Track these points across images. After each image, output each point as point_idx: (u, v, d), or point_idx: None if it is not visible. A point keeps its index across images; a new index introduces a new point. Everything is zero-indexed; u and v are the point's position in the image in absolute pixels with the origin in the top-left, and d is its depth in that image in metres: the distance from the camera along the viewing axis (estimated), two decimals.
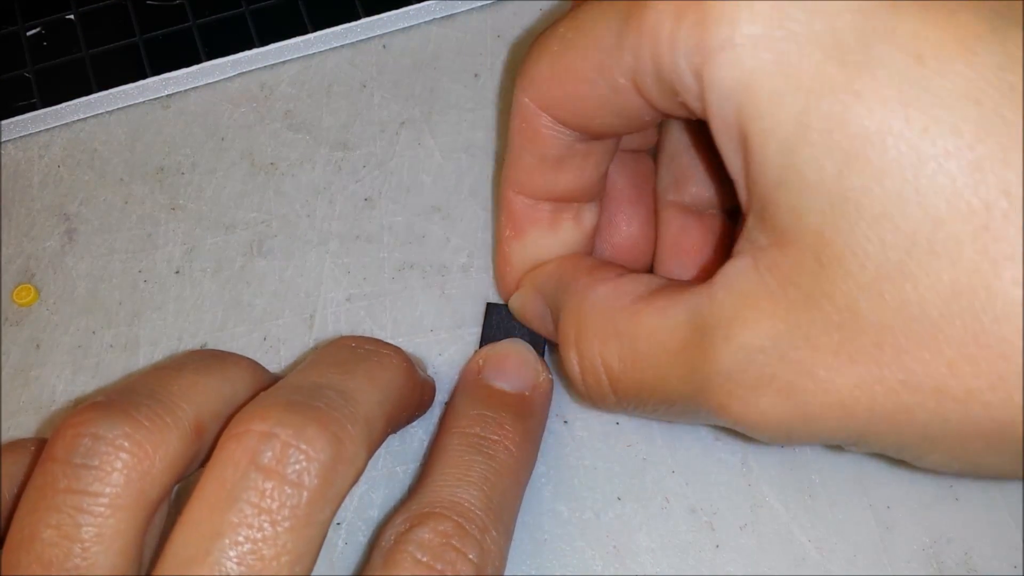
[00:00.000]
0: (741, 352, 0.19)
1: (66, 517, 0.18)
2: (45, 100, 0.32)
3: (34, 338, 0.29)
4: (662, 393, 0.21)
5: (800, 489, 0.26)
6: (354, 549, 0.25)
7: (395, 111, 0.32)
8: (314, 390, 0.20)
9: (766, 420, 0.19)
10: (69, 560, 0.18)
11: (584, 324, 0.22)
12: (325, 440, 0.19)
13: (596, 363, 0.22)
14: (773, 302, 0.18)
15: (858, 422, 0.18)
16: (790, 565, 0.25)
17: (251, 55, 0.33)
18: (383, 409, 0.21)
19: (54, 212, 0.31)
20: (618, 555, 0.25)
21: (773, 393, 0.19)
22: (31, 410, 0.28)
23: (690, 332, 0.20)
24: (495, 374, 0.25)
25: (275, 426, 0.19)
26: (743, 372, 0.19)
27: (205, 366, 0.22)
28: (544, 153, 0.23)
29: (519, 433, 0.24)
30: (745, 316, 0.19)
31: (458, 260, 0.29)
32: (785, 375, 0.18)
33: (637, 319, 0.21)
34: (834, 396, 0.18)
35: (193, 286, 0.30)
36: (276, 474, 0.18)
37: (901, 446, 0.19)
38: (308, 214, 0.30)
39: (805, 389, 0.18)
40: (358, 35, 0.33)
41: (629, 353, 0.21)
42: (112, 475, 0.19)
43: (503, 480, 0.22)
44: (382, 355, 0.23)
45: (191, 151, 0.32)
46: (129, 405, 0.19)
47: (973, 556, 0.25)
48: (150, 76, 0.32)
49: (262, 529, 0.18)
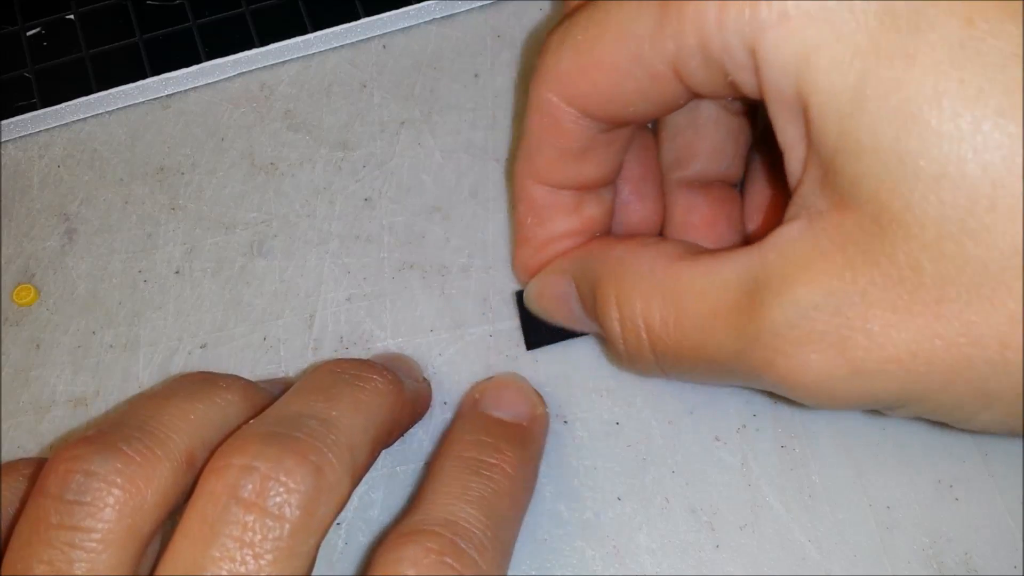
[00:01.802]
0: (793, 308, 0.19)
1: (58, 553, 0.18)
2: (45, 100, 0.32)
3: (34, 338, 0.29)
4: (704, 352, 0.21)
5: (800, 489, 0.26)
6: (354, 549, 0.25)
7: (395, 111, 0.32)
8: (295, 420, 0.20)
9: (813, 376, 0.19)
10: None
11: (625, 284, 0.22)
12: (305, 471, 0.19)
13: (637, 321, 0.22)
14: (828, 262, 0.19)
15: (913, 377, 0.18)
16: (790, 565, 0.25)
17: (251, 55, 0.33)
18: (368, 435, 0.21)
19: (54, 212, 0.31)
20: (618, 555, 0.25)
21: (825, 348, 0.19)
22: (31, 410, 0.28)
23: (739, 292, 0.20)
24: (492, 405, 0.25)
25: (254, 459, 0.19)
26: (794, 328, 0.19)
27: (197, 392, 0.22)
28: (567, 146, 0.23)
29: (518, 459, 0.23)
30: (799, 275, 0.19)
31: (458, 260, 0.29)
32: (839, 331, 0.19)
33: (681, 278, 0.21)
34: (890, 351, 0.18)
35: (193, 286, 0.30)
36: (257, 507, 0.18)
37: (954, 405, 0.19)
38: (308, 214, 0.30)
39: (858, 344, 0.18)
40: (358, 35, 0.33)
41: (672, 312, 0.21)
42: (104, 511, 0.19)
43: (501, 501, 0.22)
44: (366, 379, 0.23)
45: (191, 151, 0.32)
46: (120, 439, 0.20)
47: (973, 556, 0.25)
48: (150, 76, 0.32)
49: (245, 563, 0.18)
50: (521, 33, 0.33)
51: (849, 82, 0.17)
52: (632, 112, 0.22)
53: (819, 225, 0.19)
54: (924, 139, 0.17)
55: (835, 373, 0.19)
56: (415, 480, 0.26)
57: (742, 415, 0.26)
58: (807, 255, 0.19)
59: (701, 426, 0.26)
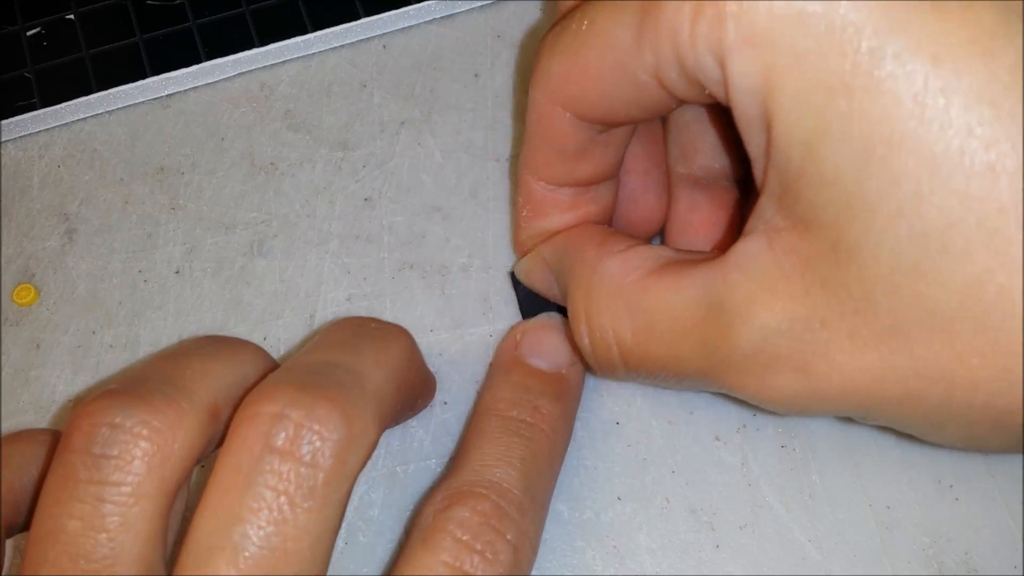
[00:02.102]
0: (759, 333, 0.19)
1: (90, 508, 0.18)
2: (45, 100, 0.32)
3: (34, 338, 0.29)
4: (675, 367, 0.22)
5: (800, 489, 0.26)
6: (354, 549, 0.25)
7: (395, 111, 0.32)
8: (323, 369, 0.20)
9: (781, 397, 0.20)
10: (97, 551, 0.18)
11: (594, 298, 0.23)
12: (337, 419, 0.19)
13: (608, 336, 0.23)
14: (789, 285, 0.19)
15: (870, 402, 0.19)
16: (790, 565, 0.25)
17: (251, 55, 0.33)
18: (392, 386, 0.21)
19: (54, 212, 0.31)
20: (618, 555, 0.25)
21: (790, 372, 0.19)
22: (31, 410, 0.28)
23: (705, 310, 0.20)
24: (532, 352, 0.25)
25: (286, 407, 0.19)
26: (760, 352, 0.20)
27: (215, 350, 0.22)
28: (564, 146, 0.23)
29: (556, 415, 0.24)
30: (762, 298, 0.19)
31: (458, 260, 0.29)
32: (802, 356, 0.19)
33: (649, 294, 0.22)
34: (847, 378, 0.19)
35: (193, 286, 0.30)
36: (291, 455, 0.18)
37: (909, 426, 0.20)
38: (308, 214, 0.30)
39: (819, 371, 0.19)
40: (358, 35, 0.33)
41: (642, 328, 0.22)
42: (133, 463, 0.18)
43: (540, 462, 0.23)
44: (387, 332, 0.23)
45: (191, 151, 0.32)
46: (144, 391, 0.19)
47: (973, 556, 0.25)
48: (150, 76, 0.32)
49: (281, 511, 0.18)
50: (521, 33, 0.33)
51: (812, 112, 0.17)
52: (624, 116, 0.22)
53: (778, 244, 0.19)
54: (883, 177, 0.17)
55: (801, 394, 0.20)
56: (415, 480, 0.26)
57: (742, 415, 0.26)
58: (769, 276, 0.19)
59: (701, 426, 0.26)
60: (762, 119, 0.18)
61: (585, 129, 0.23)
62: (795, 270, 0.19)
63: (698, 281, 0.21)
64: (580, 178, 0.25)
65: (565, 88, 0.22)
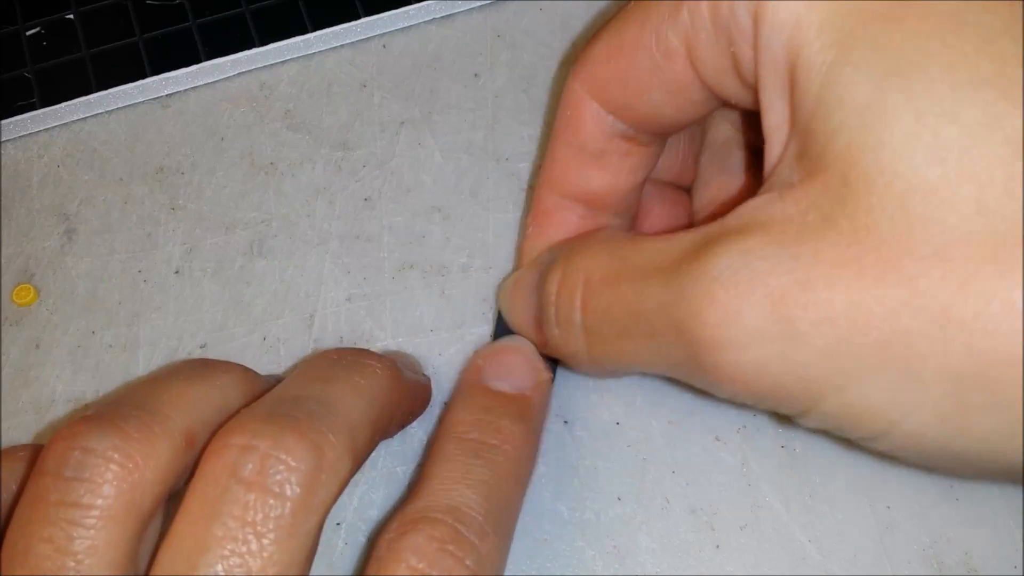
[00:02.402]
0: (739, 255, 0.18)
1: (59, 530, 0.18)
2: (45, 100, 0.32)
3: (34, 338, 0.29)
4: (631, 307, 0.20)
5: (800, 489, 0.26)
6: (354, 549, 0.25)
7: (395, 111, 0.32)
8: (294, 401, 0.20)
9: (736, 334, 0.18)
10: (63, 573, 0.18)
11: (579, 247, 0.23)
12: (304, 449, 0.19)
13: (575, 276, 0.22)
14: (787, 224, 0.18)
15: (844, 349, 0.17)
16: (790, 565, 0.25)
17: (251, 55, 0.33)
18: (367, 417, 0.21)
19: (54, 212, 0.31)
20: (618, 555, 0.25)
21: (760, 299, 0.18)
22: (31, 410, 0.28)
23: (687, 247, 0.20)
24: (495, 375, 0.25)
25: (254, 438, 0.19)
26: (735, 272, 0.18)
27: (195, 375, 0.22)
28: (584, 143, 0.23)
29: (519, 436, 0.23)
30: (752, 230, 0.18)
31: (458, 260, 0.29)
32: (779, 281, 0.17)
33: (634, 242, 0.21)
34: (827, 310, 0.17)
35: (193, 286, 0.30)
36: (257, 485, 0.18)
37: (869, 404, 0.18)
38: (308, 214, 0.30)
39: (795, 300, 0.17)
40: (358, 35, 0.33)
41: (614, 268, 0.21)
42: (103, 487, 0.19)
43: (503, 484, 0.22)
44: (364, 364, 0.23)
45: (191, 151, 0.32)
46: (118, 417, 0.20)
47: (973, 556, 0.25)
48: (150, 76, 0.32)
49: (247, 542, 0.18)
50: (522, 33, 0.33)
51: (837, 38, 0.18)
52: (647, 104, 0.22)
53: (788, 195, 0.18)
54: (903, 94, 0.17)
55: (761, 331, 0.18)
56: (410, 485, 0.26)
57: (742, 415, 0.26)
58: (766, 216, 0.18)
59: (701, 426, 0.26)
60: (786, 60, 0.19)
61: (609, 127, 0.23)
62: (799, 212, 0.18)
63: (692, 233, 0.20)
64: (593, 189, 0.24)
65: (599, 71, 0.22)
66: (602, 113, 0.23)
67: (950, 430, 0.17)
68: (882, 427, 0.18)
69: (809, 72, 0.18)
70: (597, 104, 0.23)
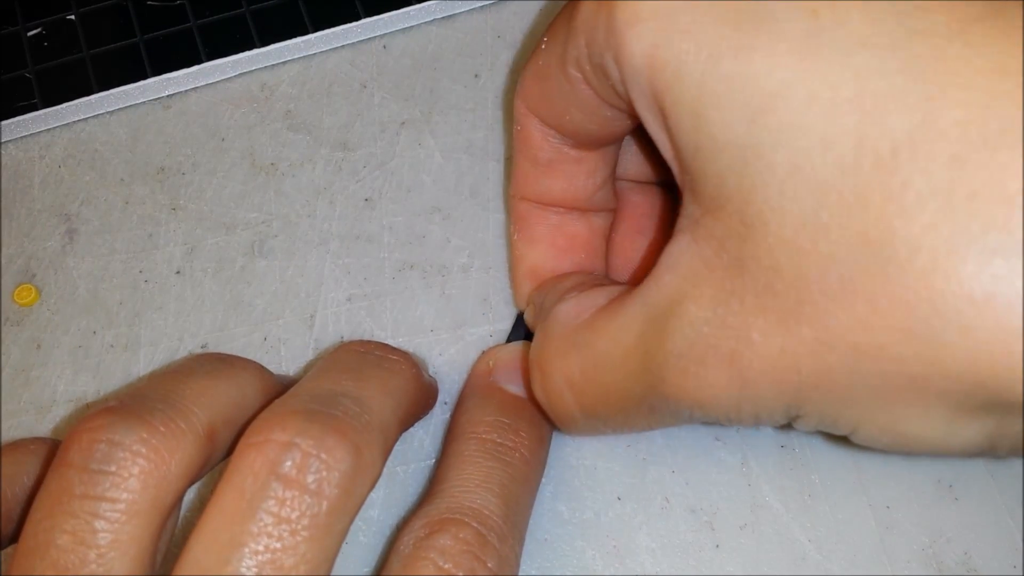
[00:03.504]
0: (688, 327, 0.19)
1: (82, 523, 0.18)
2: (46, 100, 0.32)
3: (35, 338, 0.29)
4: (625, 394, 0.21)
5: (800, 489, 0.26)
6: (354, 549, 0.25)
7: (395, 111, 0.32)
8: (330, 398, 0.20)
9: (715, 395, 0.19)
10: (85, 566, 0.18)
11: (545, 345, 0.23)
12: (345, 450, 0.19)
13: (559, 381, 0.22)
14: (711, 272, 0.18)
15: (789, 387, 0.18)
16: (790, 565, 0.25)
17: (251, 55, 0.33)
18: (396, 416, 0.21)
19: (55, 212, 0.31)
20: (618, 555, 0.25)
21: (717, 363, 0.18)
22: (31, 410, 0.28)
23: (643, 323, 0.20)
24: (508, 378, 0.25)
25: (295, 435, 0.19)
26: (693, 347, 0.19)
27: (215, 370, 0.22)
28: (536, 156, 0.24)
29: (534, 440, 0.24)
30: (689, 291, 0.19)
31: (458, 260, 0.29)
32: (726, 343, 0.18)
33: (593, 328, 0.21)
34: (767, 361, 0.18)
35: (194, 286, 0.30)
36: (296, 483, 0.18)
37: (834, 416, 0.18)
38: (308, 214, 0.30)
39: (743, 355, 0.18)
40: (358, 35, 0.33)
41: (589, 362, 0.21)
42: (129, 481, 0.18)
43: (519, 487, 0.22)
44: (392, 361, 0.23)
45: (192, 151, 0.32)
46: (144, 410, 0.19)
47: (973, 556, 0.25)
48: (151, 76, 0.32)
49: (281, 539, 0.18)
50: (521, 34, 0.33)
51: (695, 79, 0.17)
52: (571, 122, 0.22)
53: (698, 233, 0.18)
54: (774, 130, 0.16)
55: (730, 388, 0.18)
56: (415, 480, 0.26)
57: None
58: (692, 267, 0.19)
59: (701, 426, 0.26)
60: (655, 102, 0.18)
61: (553, 139, 0.23)
62: (714, 254, 0.18)
63: (637, 299, 0.20)
64: (554, 195, 0.25)
65: (529, 92, 0.23)
66: (545, 128, 0.23)
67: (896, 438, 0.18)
68: (847, 429, 0.19)
69: (679, 117, 0.18)
70: (539, 121, 0.23)
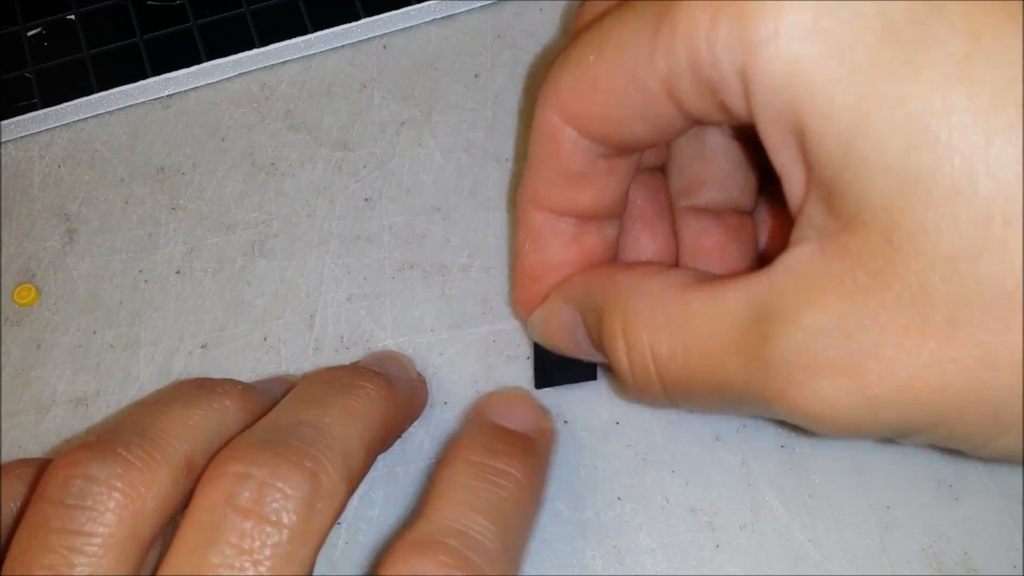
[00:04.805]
0: (803, 335, 0.18)
1: (59, 557, 0.18)
2: (46, 100, 0.32)
3: (35, 338, 0.29)
4: (714, 382, 0.21)
5: (800, 489, 0.26)
6: (354, 549, 0.25)
7: (395, 111, 0.32)
8: (288, 428, 0.20)
9: (826, 406, 0.18)
10: None
11: (632, 314, 0.22)
12: (301, 476, 0.19)
13: (645, 353, 0.22)
14: (840, 285, 0.18)
15: (927, 404, 0.18)
16: (790, 565, 0.25)
17: (251, 55, 0.33)
18: (362, 440, 0.21)
19: (55, 212, 0.31)
20: (618, 555, 0.25)
21: (836, 375, 0.18)
22: (31, 410, 0.28)
23: (747, 319, 0.19)
24: (500, 415, 0.25)
25: (249, 466, 0.19)
26: (804, 355, 0.18)
27: (194, 399, 0.22)
28: (566, 169, 0.23)
29: (528, 467, 0.23)
30: (809, 298, 0.18)
31: (458, 260, 0.29)
32: (850, 357, 0.18)
33: (689, 307, 0.21)
34: (903, 377, 0.17)
35: (194, 286, 0.30)
36: (254, 514, 0.18)
37: (969, 432, 0.18)
38: (309, 214, 0.30)
39: (871, 370, 0.18)
40: (358, 35, 0.33)
41: (680, 341, 0.21)
42: (105, 515, 0.19)
43: (511, 509, 0.22)
44: (357, 386, 0.23)
45: (192, 151, 0.32)
46: (119, 444, 0.20)
47: (973, 556, 0.25)
48: (151, 76, 0.32)
49: (243, 569, 0.18)
50: (522, 33, 0.33)
51: (849, 100, 0.17)
52: (628, 134, 0.21)
53: (829, 247, 0.18)
54: (935, 154, 0.16)
55: (848, 402, 0.18)
56: (415, 480, 0.26)
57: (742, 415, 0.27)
58: (817, 278, 0.18)
59: (701, 426, 0.26)
60: (791, 118, 0.18)
61: (589, 150, 0.22)
62: (847, 270, 0.18)
63: (742, 291, 0.20)
64: (580, 207, 0.24)
65: (573, 104, 0.21)
66: (581, 139, 0.22)
67: None
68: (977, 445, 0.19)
69: (825, 136, 0.17)
70: (574, 131, 0.22)
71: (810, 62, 0.17)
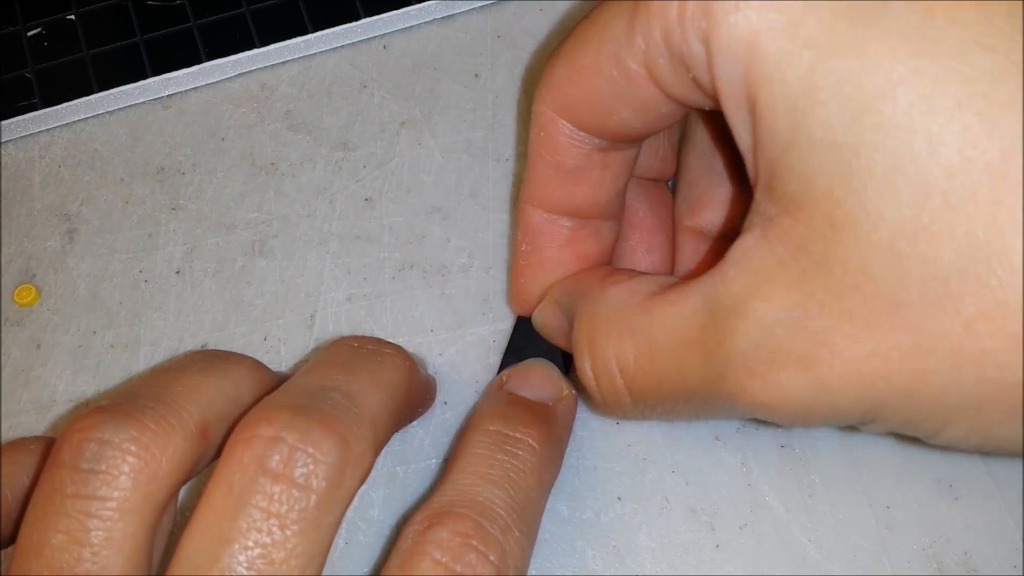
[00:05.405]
0: (757, 328, 0.18)
1: (75, 522, 0.18)
2: (46, 100, 0.32)
3: (35, 338, 0.29)
4: (680, 387, 0.21)
5: (800, 489, 0.26)
6: (354, 549, 0.25)
7: (395, 111, 0.32)
8: (319, 392, 0.20)
9: (784, 398, 0.18)
10: (80, 565, 0.18)
11: (596, 326, 0.22)
12: (332, 443, 0.19)
13: (610, 364, 0.22)
14: (786, 272, 0.18)
15: (875, 393, 0.18)
16: (790, 565, 0.25)
17: (251, 55, 0.33)
18: (387, 409, 0.21)
19: (55, 212, 0.31)
20: (618, 555, 0.25)
21: (791, 367, 0.18)
22: (32, 410, 0.28)
23: (704, 317, 0.19)
24: (518, 386, 0.25)
25: (282, 430, 0.19)
26: (760, 348, 0.18)
27: (208, 367, 0.22)
28: (561, 162, 0.23)
29: (542, 433, 0.23)
30: (759, 290, 0.18)
31: (458, 260, 0.29)
32: (802, 346, 0.18)
33: (650, 314, 0.21)
34: (851, 366, 0.17)
35: (194, 286, 0.30)
36: (284, 478, 0.18)
37: (918, 419, 0.18)
38: (309, 214, 0.30)
39: (822, 360, 0.18)
40: (358, 35, 0.33)
41: (644, 349, 0.21)
42: (120, 479, 0.19)
43: (526, 479, 0.22)
44: (384, 355, 0.23)
45: (192, 151, 0.32)
46: (134, 408, 0.20)
47: (973, 556, 0.25)
48: (151, 76, 0.32)
49: (271, 533, 0.18)
50: (522, 33, 0.33)
51: (800, 73, 0.17)
52: (618, 121, 0.22)
53: (772, 232, 0.18)
54: (879, 131, 0.16)
55: (803, 392, 0.18)
56: (415, 480, 0.26)
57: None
58: (765, 267, 0.18)
59: (701, 426, 0.26)
60: (745, 91, 0.18)
61: (584, 142, 0.23)
62: (790, 255, 0.18)
63: (698, 291, 0.20)
64: (576, 203, 0.24)
65: (564, 94, 0.22)
66: (575, 131, 0.22)
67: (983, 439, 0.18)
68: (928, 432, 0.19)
69: (774, 110, 0.17)
70: (568, 123, 0.22)
71: (765, 33, 0.17)
